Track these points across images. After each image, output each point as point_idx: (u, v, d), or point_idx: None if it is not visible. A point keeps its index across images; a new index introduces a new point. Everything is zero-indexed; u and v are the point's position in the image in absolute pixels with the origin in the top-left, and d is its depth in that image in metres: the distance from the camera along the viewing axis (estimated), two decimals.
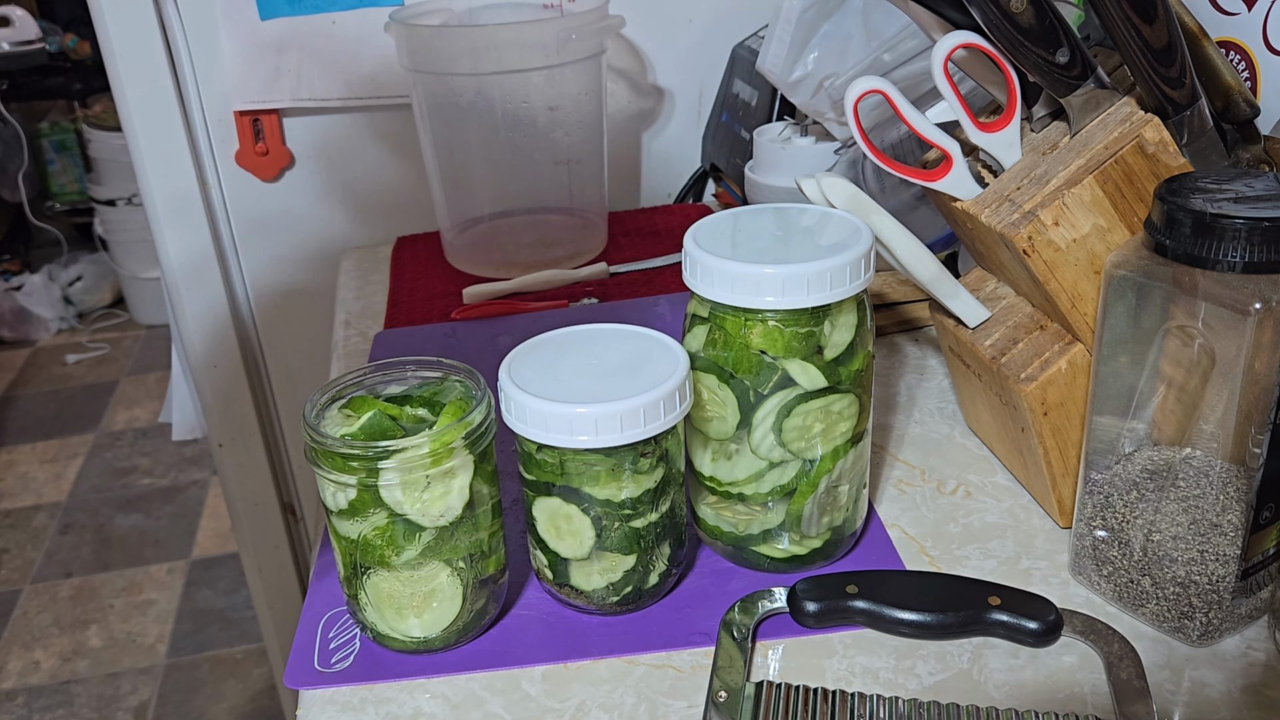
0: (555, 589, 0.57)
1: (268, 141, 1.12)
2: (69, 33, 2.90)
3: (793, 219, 0.59)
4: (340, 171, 1.16)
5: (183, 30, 1.07)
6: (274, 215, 1.16)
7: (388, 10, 1.05)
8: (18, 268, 3.21)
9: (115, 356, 2.96)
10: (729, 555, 0.60)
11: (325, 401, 0.54)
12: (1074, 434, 0.59)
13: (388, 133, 1.14)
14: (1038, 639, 0.53)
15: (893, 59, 0.86)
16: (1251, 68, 0.67)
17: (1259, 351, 0.46)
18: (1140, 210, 0.55)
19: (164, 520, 2.29)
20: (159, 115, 1.09)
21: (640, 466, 0.53)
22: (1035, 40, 0.54)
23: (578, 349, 0.57)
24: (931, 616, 0.53)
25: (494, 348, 0.86)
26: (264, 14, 1.07)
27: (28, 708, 1.84)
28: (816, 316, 0.54)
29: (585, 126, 1.00)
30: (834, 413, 0.55)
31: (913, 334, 0.85)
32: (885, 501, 0.66)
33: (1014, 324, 0.62)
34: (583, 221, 1.04)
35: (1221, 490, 0.50)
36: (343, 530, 0.53)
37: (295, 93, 1.10)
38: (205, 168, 1.13)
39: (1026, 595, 0.54)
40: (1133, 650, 0.52)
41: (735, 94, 1.10)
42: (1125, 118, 0.55)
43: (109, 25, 1.05)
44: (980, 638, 0.54)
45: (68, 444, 2.58)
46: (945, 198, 0.62)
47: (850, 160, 0.90)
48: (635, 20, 1.09)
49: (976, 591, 0.54)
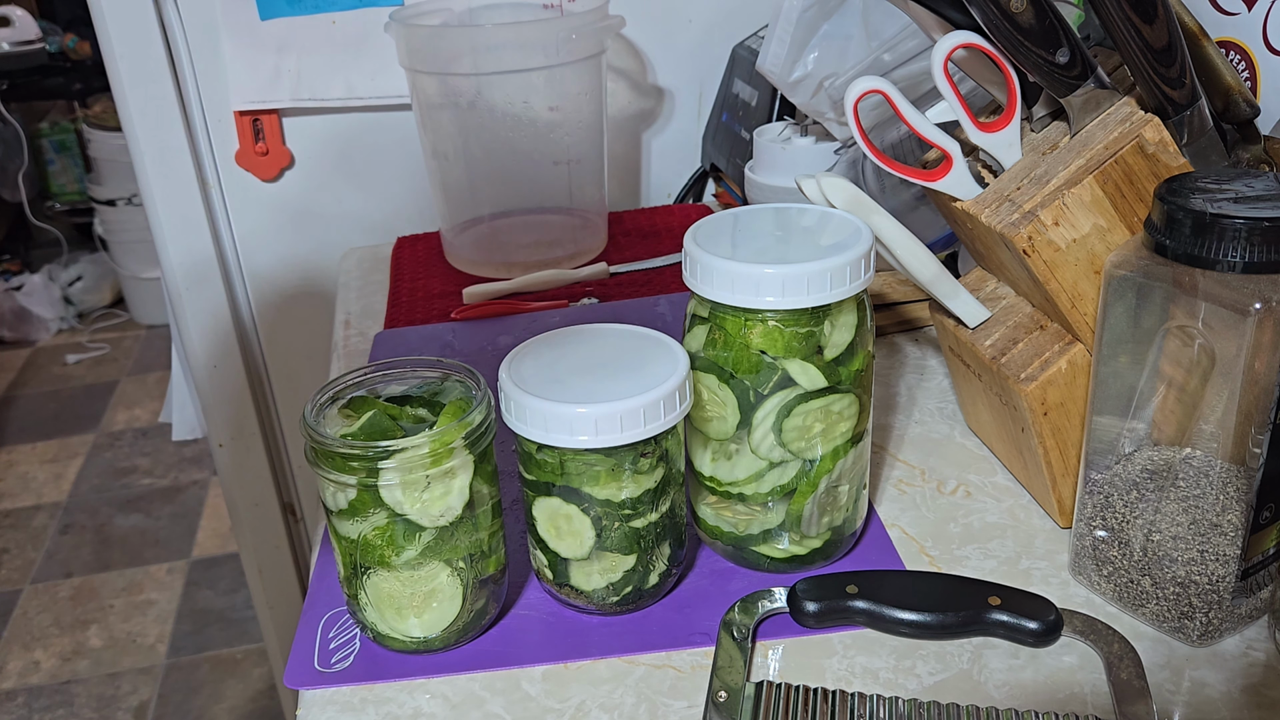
0: (555, 589, 0.57)
1: (268, 141, 1.12)
2: (69, 33, 2.90)
3: (793, 219, 0.59)
4: (340, 171, 1.16)
5: (183, 30, 1.07)
6: (274, 215, 1.16)
7: (388, 10, 1.05)
8: (18, 268, 3.21)
9: (115, 356, 2.96)
10: (729, 555, 0.60)
11: (325, 401, 0.54)
12: (1074, 434, 0.59)
13: (387, 133, 1.14)
14: (1038, 639, 0.53)
15: (893, 59, 0.86)
16: (1251, 68, 0.67)
17: (1259, 351, 0.46)
18: (1140, 210, 0.55)
19: (164, 520, 2.29)
20: (159, 115, 1.09)
21: (640, 466, 0.53)
22: (1035, 40, 0.54)
23: (578, 349, 0.57)
24: (932, 616, 0.53)
25: (494, 348, 0.86)
26: (264, 14, 1.07)
27: (28, 708, 1.84)
28: (816, 316, 0.54)
29: (585, 126, 1.00)
30: (834, 413, 0.55)
31: (913, 334, 0.85)
32: (885, 501, 0.66)
33: (1014, 324, 0.62)
34: (583, 221, 1.04)
35: (1221, 490, 0.50)
36: (343, 530, 0.53)
37: (295, 93, 1.10)
38: (205, 168, 1.13)
39: (1026, 595, 0.54)
40: (1133, 650, 0.52)
41: (735, 94, 1.10)
42: (1125, 118, 0.55)
43: (109, 25, 1.05)
44: (980, 638, 0.54)
45: (68, 444, 2.58)
46: (945, 198, 0.62)
47: (850, 160, 0.90)
48: (635, 20, 1.09)
49: (977, 591, 0.54)
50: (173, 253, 1.15)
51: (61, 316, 3.09)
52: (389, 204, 1.18)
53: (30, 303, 3.04)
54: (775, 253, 0.54)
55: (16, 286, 3.09)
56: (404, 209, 1.18)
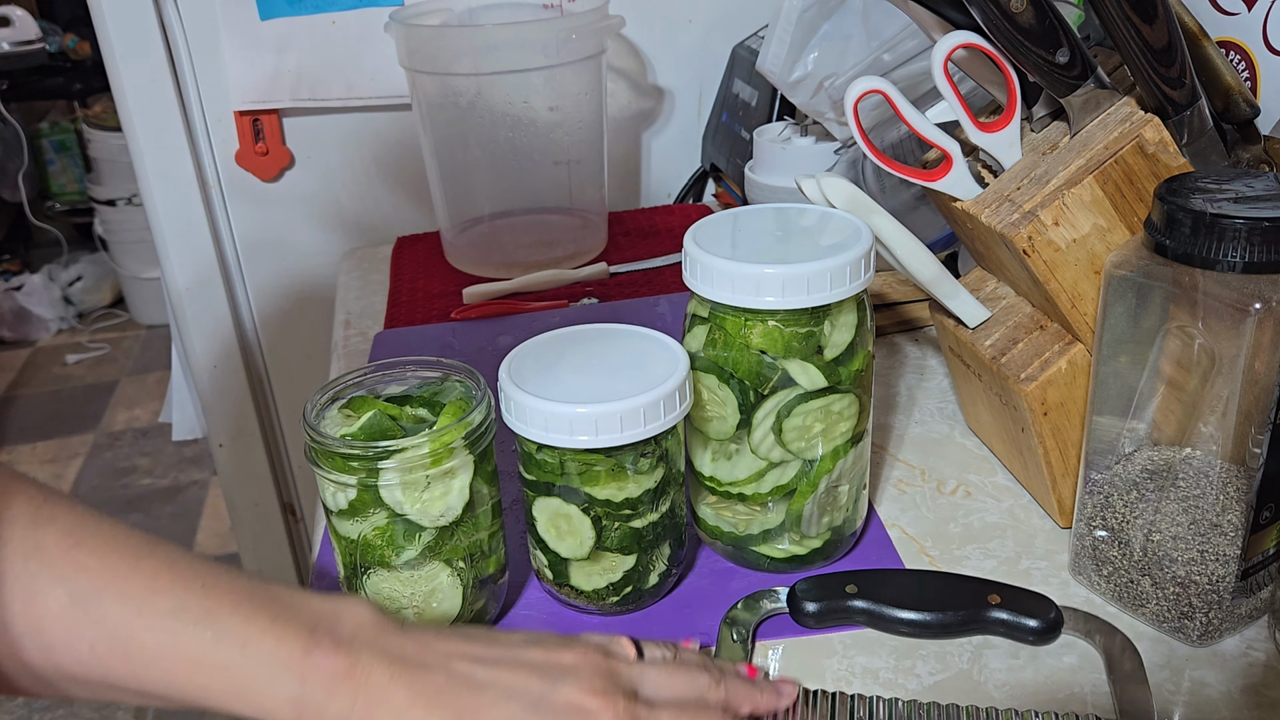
0: (555, 589, 0.57)
1: (268, 141, 1.12)
2: (69, 33, 2.90)
3: (793, 219, 0.59)
4: (340, 171, 1.16)
5: (183, 30, 1.07)
6: (274, 215, 1.16)
7: (388, 10, 1.05)
8: (18, 268, 3.21)
9: (115, 356, 2.96)
10: (729, 555, 0.60)
11: (325, 401, 0.54)
12: (1074, 434, 0.59)
13: (388, 133, 1.14)
14: (1038, 637, 0.53)
15: (893, 59, 0.86)
16: (1251, 68, 0.67)
17: (1259, 351, 0.46)
18: (1140, 210, 0.55)
19: (164, 520, 2.29)
20: (159, 115, 1.09)
21: (640, 466, 0.53)
22: (1035, 40, 0.54)
23: (578, 349, 0.57)
24: (931, 615, 0.53)
25: (494, 348, 0.86)
26: (264, 14, 1.07)
27: (28, 708, 1.84)
28: (816, 316, 0.54)
29: (585, 126, 1.00)
30: (834, 413, 0.55)
31: (913, 334, 0.85)
32: (885, 501, 0.66)
33: (1014, 324, 0.62)
34: (583, 221, 1.04)
35: (1221, 490, 0.50)
36: (343, 530, 0.53)
37: (295, 93, 1.10)
38: (205, 168, 1.13)
39: (1026, 593, 0.54)
40: (1132, 646, 0.52)
41: (735, 94, 1.10)
42: (1125, 118, 0.55)
43: (109, 25, 1.05)
44: (980, 637, 0.54)
45: (68, 444, 2.58)
46: (945, 198, 0.62)
47: (850, 160, 0.90)
48: (635, 20, 1.09)
49: (977, 590, 0.54)
50: (173, 253, 1.15)
51: (61, 316, 3.09)
52: (389, 204, 1.18)
53: (30, 303, 3.04)
54: (775, 253, 0.54)
55: (16, 286, 3.09)
56: (404, 209, 1.18)
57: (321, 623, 0.42)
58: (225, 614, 0.41)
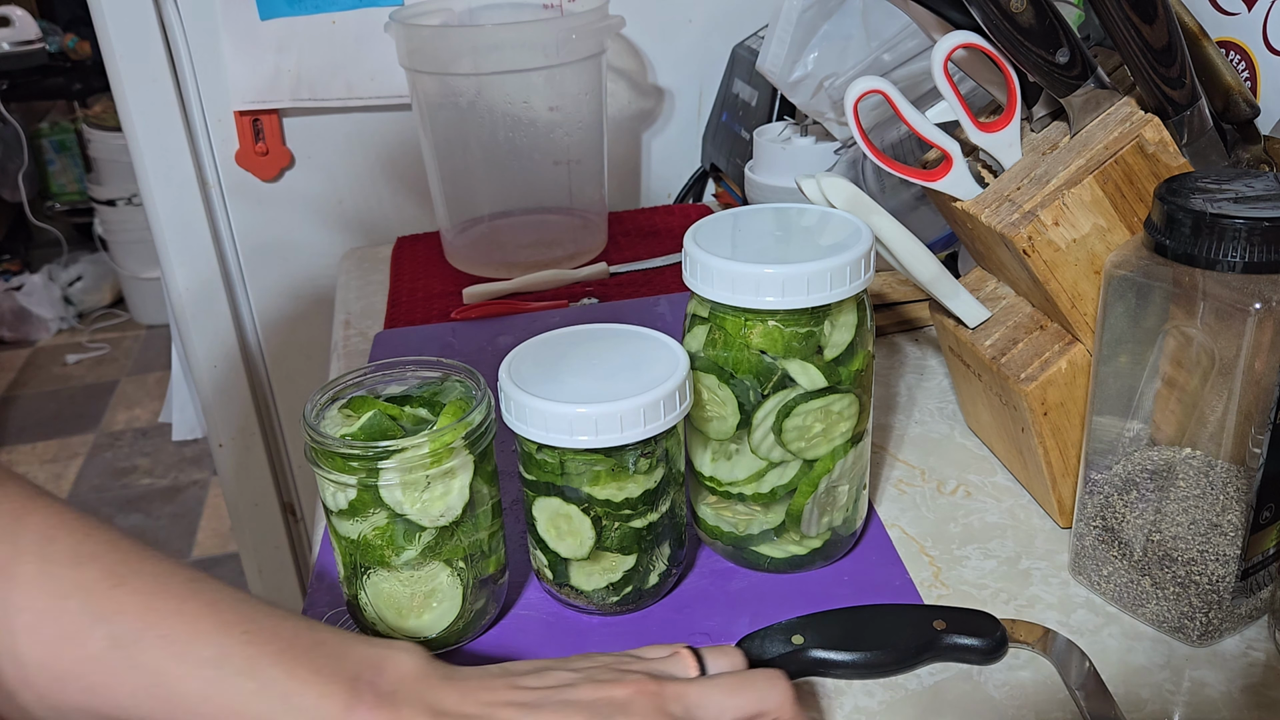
0: (555, 589, 0.57)
1: (268, 141, 1.12)
2: (69, 33, 2.90)
3: (793, 219, 0.59)
4: (340, 171, 1.16)
5: (183, 30, 1.07)
6: (274, 215, 1.16)
7: (388, 10, 1.05)
8: (18, 268, 3.21)
9: (115, 356, 2.96)
10: (729, 555, 0.60)
11: (325, 401, 0.54)
12: (1074, 434, 0.59)
13: (388, 133, 1.14)
14: (985, 656, 0.52)
15: (893, 59, 0.86)
16: (1251, 68, 0.67)
17: (1259, 351, 0.46)
18: (1140, 210, 0.55)
19: (164, 520, 2.29)
20: (159, 115, 1.09)
21: (640, 466, 0.53)
22: (1035, 40, 0.54)
23: (578, 349, 0.57)
24: (883, 654, 0.51)
25: (494, 348, 0.86)
26: (264, 14, 1.07)
27: None
28: (816, 316, 0.54)
29: (585, 126, 1.00)
30: (834, 413, 0.55)
31: (913, 334, 0.85)
32: (885, 501, 0.66)
33: (1014, 324, 0.62)
34: (583, 221, 1.04)
35: (1221, 490, 0.50)
36: (343, 530, 0.53)
37: (295, 93, 1.10)
38: (205, 168, 1.13)
39: (970, 613, 0.53)
40: (1080, 651, 0.51)
41: (735, 94, 1.10)
42: (1125, 118, 0.55)
43: (109, 25, 1.05)
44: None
45: (68, 444, 2.58)
46: (945, 198, 0.62)
47: (850, 160, 0.90)
48: (635, 20, 1.09)
49: (921, 619, 0.53)
50: (173, 253, 1.15)
51: (61, 316, 3.09)
52: (389, 204, 1.18)
53: (30, 303, 3.04)
54: (775, 253, 0.54)
55: (16, 286, 3.09)
56: (404, 209, 1.18)
57: (364, 674, 0.41)
58: (267, 664, 0.40)
